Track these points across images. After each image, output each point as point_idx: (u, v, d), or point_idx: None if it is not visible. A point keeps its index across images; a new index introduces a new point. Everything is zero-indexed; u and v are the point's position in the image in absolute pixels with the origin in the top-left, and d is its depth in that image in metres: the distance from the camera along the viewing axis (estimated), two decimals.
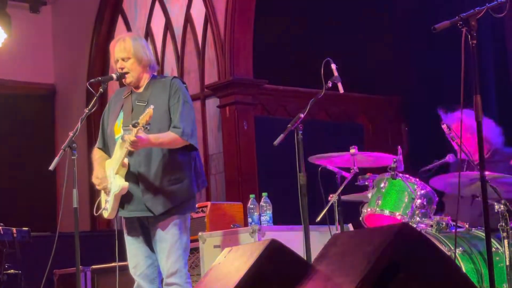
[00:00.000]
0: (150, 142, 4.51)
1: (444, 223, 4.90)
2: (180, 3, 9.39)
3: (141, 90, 4.77)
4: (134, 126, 4.35)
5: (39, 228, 7.75)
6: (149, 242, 4.73)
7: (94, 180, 4.71)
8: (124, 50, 4.69)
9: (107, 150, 4.84)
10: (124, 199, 4.64)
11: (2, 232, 6.61)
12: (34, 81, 10.26)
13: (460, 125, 4.93)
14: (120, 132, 4.69)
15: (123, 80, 4.75)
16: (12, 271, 6.58)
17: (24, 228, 6.80)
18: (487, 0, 3.83)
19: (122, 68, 4.71)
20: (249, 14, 8.69)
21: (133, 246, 4.75)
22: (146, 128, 4.36)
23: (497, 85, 7.92)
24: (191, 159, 4.70)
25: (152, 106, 4.38)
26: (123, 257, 4.86)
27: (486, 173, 4.09)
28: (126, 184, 4.59)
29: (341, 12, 9.45)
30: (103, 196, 4.76)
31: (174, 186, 4.62)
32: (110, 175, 4.66)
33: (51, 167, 4.51)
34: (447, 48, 7.86)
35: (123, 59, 4.70)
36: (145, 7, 9.80)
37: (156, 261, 4.72)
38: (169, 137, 4.58)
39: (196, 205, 4.91)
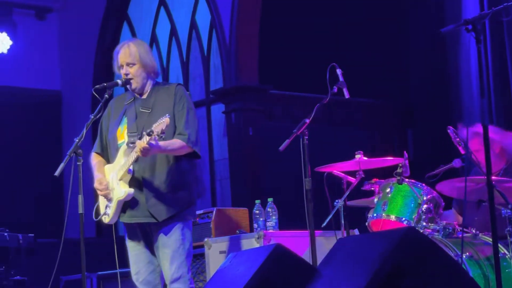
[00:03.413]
0: (160, 150, 4.48)
1: (450, 228, 4.87)
2: (185, 9, 9.40)
3: (144, 96, 4.73)
4: (148, 134, 4.30)
5: (45, 234, 7.75)
6: (150, 248, 4.69)
7: (98, 185, 4.68)
8: (130, 55, 4.65)
9: (105, 155, 4.80)
10: (127, 205, 4.61)
11: (7, 238, 6.60)
12: (40, 87, 10.28)
13: (476, 139, 4.95)
14: (124, 137, 4.66)
15: (128, 86, 4.72)
16: (17, 277, 6.57)
17: (29, 234, 6.79)
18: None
19: (127, 74, 4.68)
20: (254, 19, 8.70)
21: (134, 253, 4.72)
22: (161, 137, 4.32)
23: None
24: (193, 166, 4.69)
25: (168, 115, 4.34)
26: (127, 263, 4.83)
27: (493, 177, 4.07)
28: (132, 190, 4.56)
29: (347, 18, 9.44)
30: (102, 201, 4.73)
31: (177, 192, 4.60)
32: (113, 180, 4.64)
33: (56, 173, 4.49)
34: (453, 52, 7.84)
35: (127, 65, 4.67)
36: (150, 13, 9.82)
37: (158, 267, 4.68)
38: (176, 144, 4.55)
39: (196, 212, 4.88)
